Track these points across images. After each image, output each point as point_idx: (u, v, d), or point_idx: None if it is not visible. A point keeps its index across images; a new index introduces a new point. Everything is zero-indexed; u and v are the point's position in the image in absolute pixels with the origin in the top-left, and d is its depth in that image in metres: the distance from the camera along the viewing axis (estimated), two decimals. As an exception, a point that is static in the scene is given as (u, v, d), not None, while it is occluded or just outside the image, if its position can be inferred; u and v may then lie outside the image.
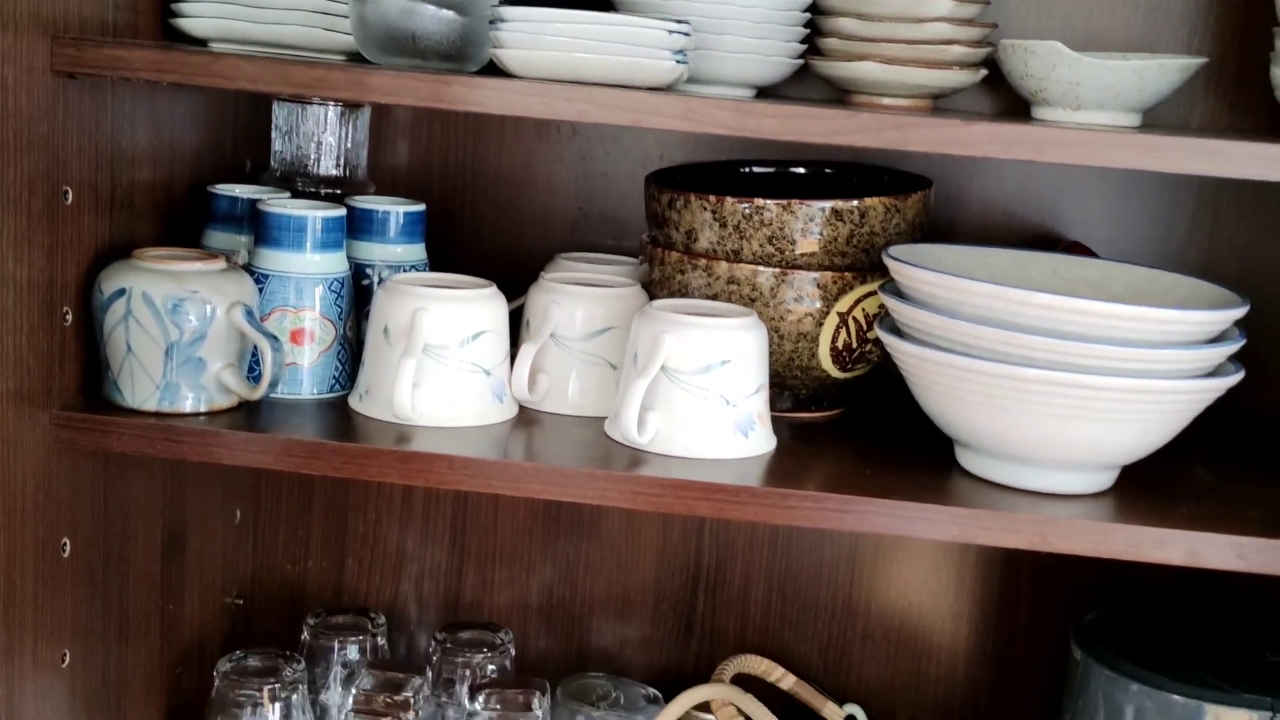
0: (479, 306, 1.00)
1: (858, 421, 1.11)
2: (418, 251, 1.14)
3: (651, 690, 1.26)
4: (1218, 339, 0.92)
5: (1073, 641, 1.04)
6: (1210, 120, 1.20)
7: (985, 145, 0.85)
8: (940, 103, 1.18)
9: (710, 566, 1.33)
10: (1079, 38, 1.19)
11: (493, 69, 0.96)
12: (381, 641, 1.28)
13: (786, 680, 1.26)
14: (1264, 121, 1.14)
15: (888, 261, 0.96)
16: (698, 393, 0.96)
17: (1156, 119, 1.19)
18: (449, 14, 0.98)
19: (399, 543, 1.36)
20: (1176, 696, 0.97)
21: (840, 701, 1.26)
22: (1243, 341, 0.92)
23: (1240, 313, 0.90)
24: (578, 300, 1.05)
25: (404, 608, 1.37)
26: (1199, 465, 1.05)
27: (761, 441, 0.99)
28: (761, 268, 1.04)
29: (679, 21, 0.96)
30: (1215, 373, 0.93)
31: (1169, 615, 1.09)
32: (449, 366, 0.99)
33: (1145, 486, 0.97)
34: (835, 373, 1.08)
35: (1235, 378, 0.92)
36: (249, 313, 0.98)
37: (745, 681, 1.26)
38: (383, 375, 1.00)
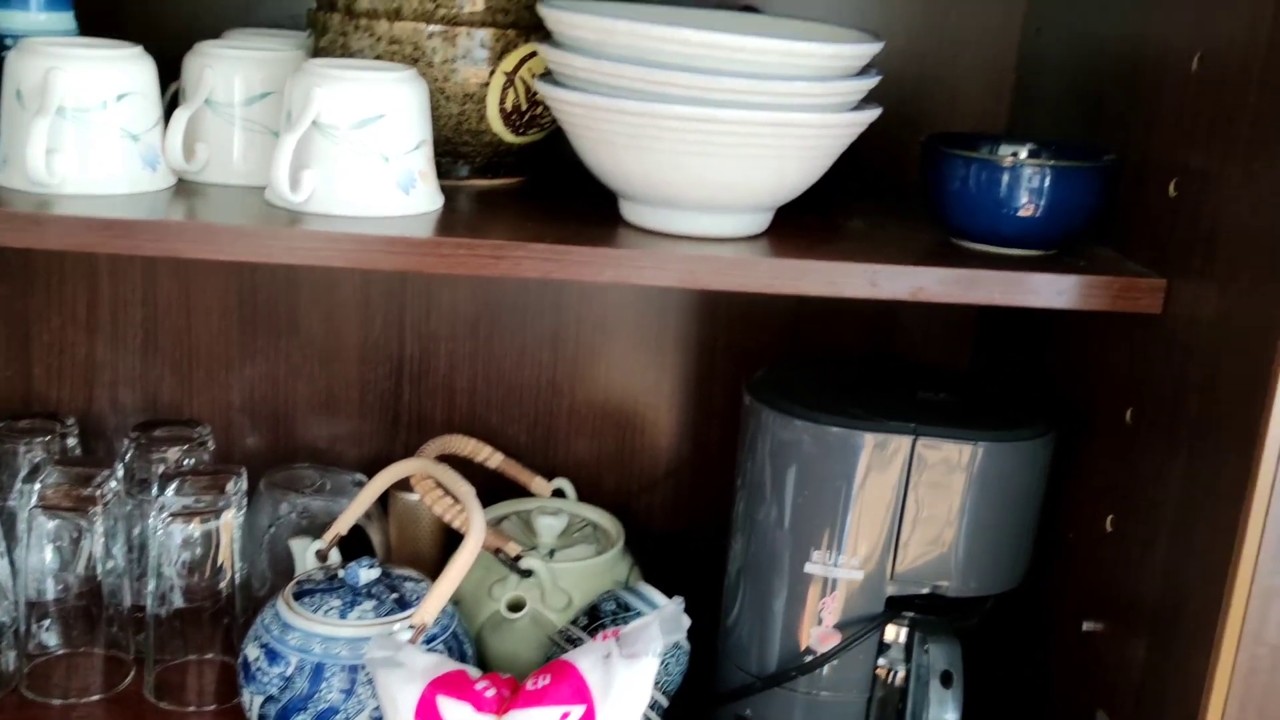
0: (122, 66, 0.96)
1: (536, 188, 1.12)
2: (64, 20, 1.07)
3: (359, 475, 1.26)
4: (853, 76, 0.95)
5: (745, 391, 1.08)
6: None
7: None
8: None
9: (413, 357, 1.33)
10: None
11: None
12: (72, 443, 1.24)
13: (494, 459, 1.28)
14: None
15: (538, 6, 0.96)
16: (353, 148, 0.95)
17: None
18: None
19: (88, 349, 1.31)
20: (833, 428, 1.02)
21: (549, 476, 1.30)
22: (877, 77, 0.96)
23: (870, 49, 0.94)
24: (234, 64, 1.02)
25: (100, 414, 1.33)
26: (856, 217, 1.09)
27: (424, 200, 0.99)
28: (423, 25, 1.02)
29: None
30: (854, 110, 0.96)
31: (835, 372, 1.14)
32: (90, 130, 0.95)
33: (798, 231, 1.01)
34: (508, 136, 1.08)
35: (870, 113, 0.95)
36: None
37: (453, 462, 1.28)
38: (18, 142, 0.95)
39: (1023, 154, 1.03)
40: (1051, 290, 0.95)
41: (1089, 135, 1.09)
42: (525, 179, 1.13)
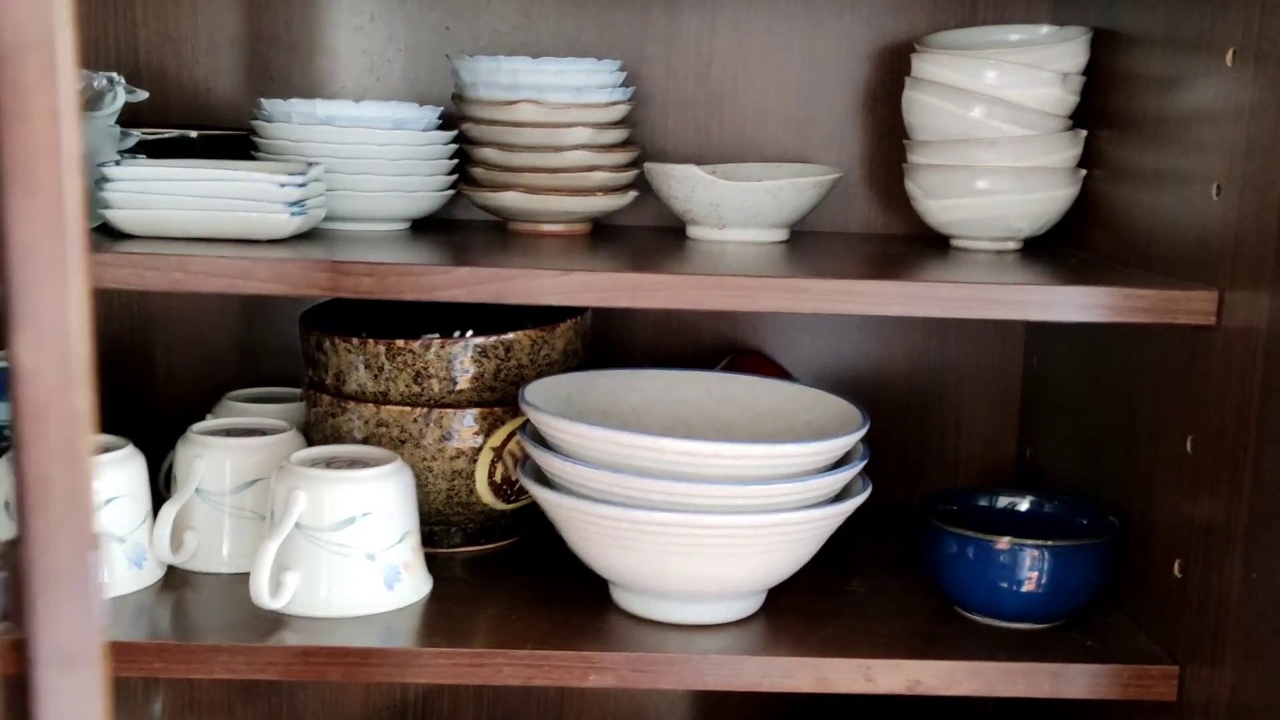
0: (104, 471, 0.96)
1: (528, 552, 1.10)
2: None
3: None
4: (840, 463, 0.94)
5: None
6: (866, 225, 1.24)
7: (582, 294, 0.85)
8: (607, 220, 1.19)
9: (416, 698, 1.30)
10: (737, 148, 1.22)
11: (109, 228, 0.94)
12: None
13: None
14: (915, 223, 1.17)
15: (521, 403, 0.96)
16: (336, 549, 0.94)
17: (814, 226, 1.22)
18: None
19: None
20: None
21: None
22: (861, 464, 0.94)
23: (849, 440, 0.92)
24: (225, 454, 1.02)
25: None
26: (856, 575, 1.07)
27: (410, 591, 0.97)
28: (409, 409, 1.02)
29: (292, 174, 0.94)
30: (843, 495, 0.94)
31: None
32: (76, 538, 0.95)
33: (793, 606, 0.99)
34: (499, 505, 1.07)
35: (858, 499, 0.94)
36: None
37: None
38: (4, 553, 0.95)
39: (1022, 531, 1.00)
40: (1059, 683, 0.91)
41: (1095, 478, 1.07)
42: (519, 539, 1.12)
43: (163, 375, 1.25)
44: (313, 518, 0.94)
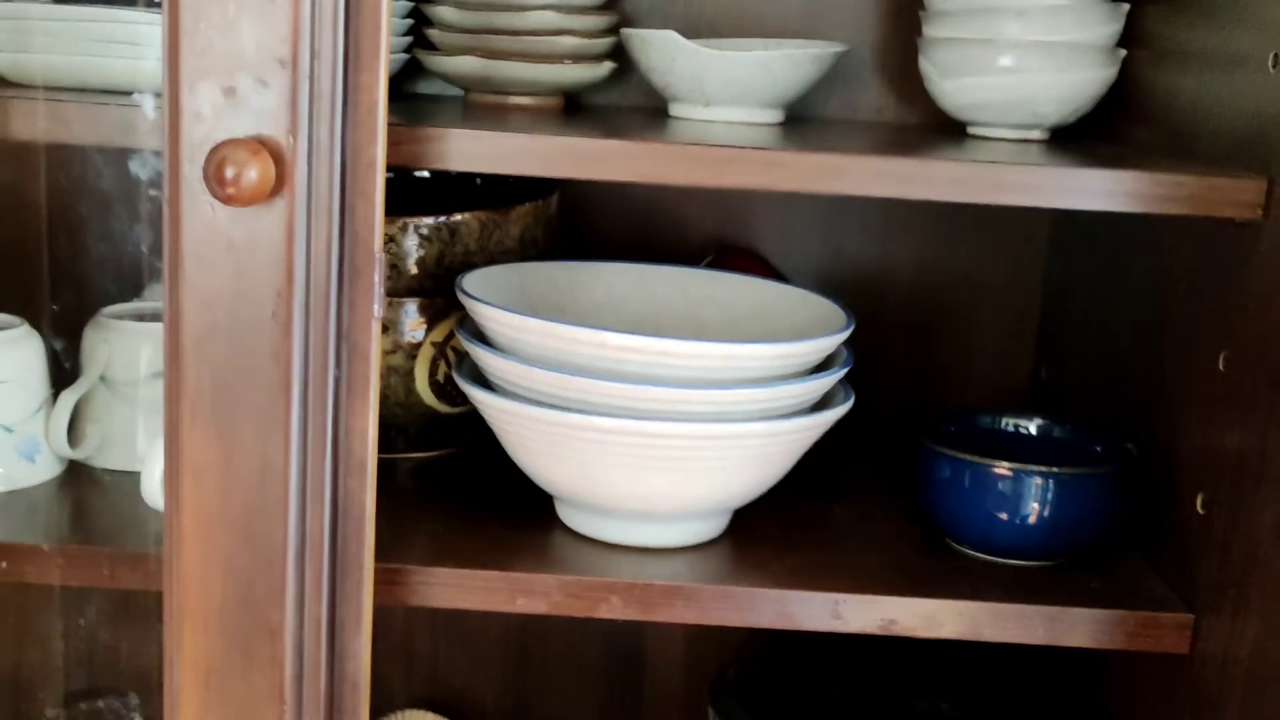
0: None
1: (474, 461, 0.99)
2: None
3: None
4: (818, 370, 0.82)
5: (710, 707, 0.94)
6: (877, 114, 1.11)
7: (518, 160, 0.73)
8: (584, 97, 1.07)
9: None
10: (733, 22, 1.09)
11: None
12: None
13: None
14: (933, 112, 1.04)
15: (457, 291, 0.84)
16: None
17: (817, 111, 1.09)
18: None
19: None
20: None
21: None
22: (842, 371, 0.82)
23: (827, 343, 0.80)
24: (136, 339, 0.92)
25: None
26: (840, 501, 0.95)
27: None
28: (340, 296, 0.91)
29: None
30: (821, 406, 0.83)
31: (814, 665, 0.99)
32: (-41, 424, 0.85)
33: (762, 533, 0.87)
34: (441, 407, 0.96)
35: (837, 411, 0.82)
36: None
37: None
38: (-122, 438, 0.85)
39: (1028, 456, 0.88)
40: (1056, 628, 0.79)
41: (1115, 402, 0.94)
42: (464, 448, 1.01)
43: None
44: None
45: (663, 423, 0.75)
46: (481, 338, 0.83)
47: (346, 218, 0.66)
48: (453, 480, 0.95)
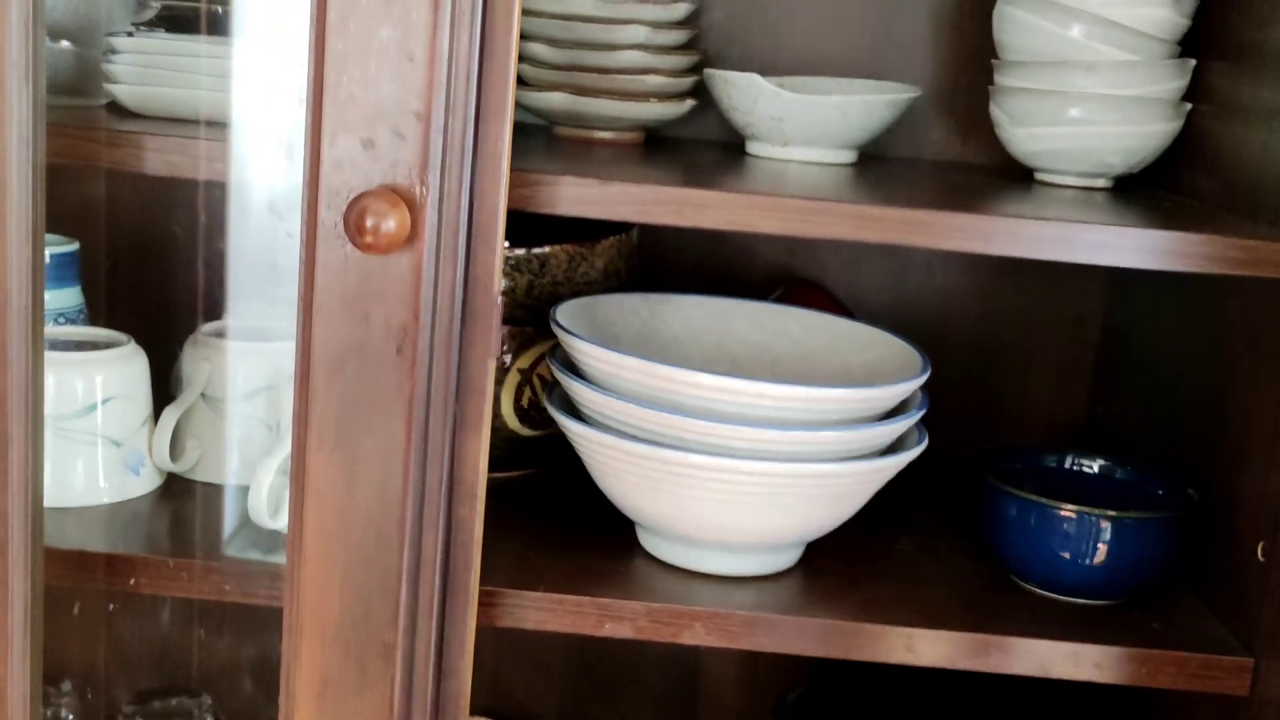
0: (100, 370, 0.90)
1: (551, 484, 1.03)
2: (70, 296, 1.03)
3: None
4: (894, 412, 0.85)
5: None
6: (942, 152, 1.14)
7: (621, 207, 0.77)
8: (664, 131, 1.10)
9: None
10: (808, 61, 1.12)
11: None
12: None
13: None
14: (997, 154, 1.07)
15: (551, 324, 0.88)
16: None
17: (885, 149, 1.12)
18: (64, 44, 0.87)
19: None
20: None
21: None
22: (918, 415, 0.86)
23: (907, 387, 0.84)
24: (233, 357, 0.96)
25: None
26: (905, 534, 0.99)
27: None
28: (432, 322, 0.95)
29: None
30: (896, 447, 0.86)
31: (874, 689, 1.03)
32: (73, 440, 0.89)
33: (834, 563, 0.91)
34: (524, 431, 1.00)
35: (912, 453, 0.85)
36: None
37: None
38: (-6, 448, 0.89)
39: (1089, 496, 0.91)
40: (1119, 667, 0.82)
41: (1172, 444, 0.98)
42: (541, 470, 1.05)
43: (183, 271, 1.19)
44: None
45: (752, 461, 0.79)
46: (572, 368, 0.87)
47: (470, 262, 0.69)
48: (533, 502, 0.99)
